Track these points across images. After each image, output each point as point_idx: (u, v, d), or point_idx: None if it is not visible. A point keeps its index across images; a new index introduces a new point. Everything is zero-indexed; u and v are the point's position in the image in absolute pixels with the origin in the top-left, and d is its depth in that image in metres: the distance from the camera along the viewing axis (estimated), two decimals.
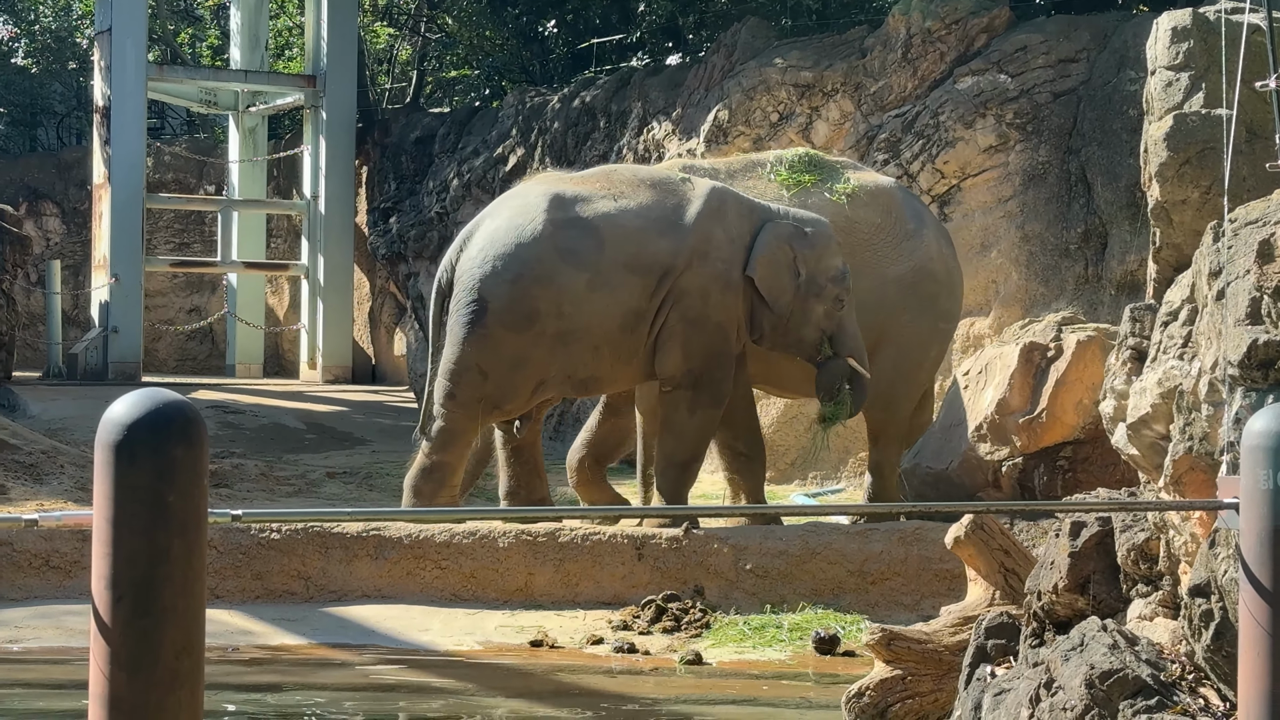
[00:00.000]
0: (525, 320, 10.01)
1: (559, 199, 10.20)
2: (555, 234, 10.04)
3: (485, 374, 10.05)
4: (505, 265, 10.01)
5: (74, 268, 25.48)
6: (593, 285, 10.06)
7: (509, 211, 10.24)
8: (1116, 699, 4.38)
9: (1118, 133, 13.04)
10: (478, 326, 10.03)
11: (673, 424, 10.42)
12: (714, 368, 10.32)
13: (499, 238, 10.11)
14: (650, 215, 10.23)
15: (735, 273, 10.30)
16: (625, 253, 10.11)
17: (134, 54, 21.70)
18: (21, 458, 12.58)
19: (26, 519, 3.26)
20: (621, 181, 10.44)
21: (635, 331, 10.18)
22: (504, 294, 10.00)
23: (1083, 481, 9.11)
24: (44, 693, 7.98)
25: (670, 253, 10.17)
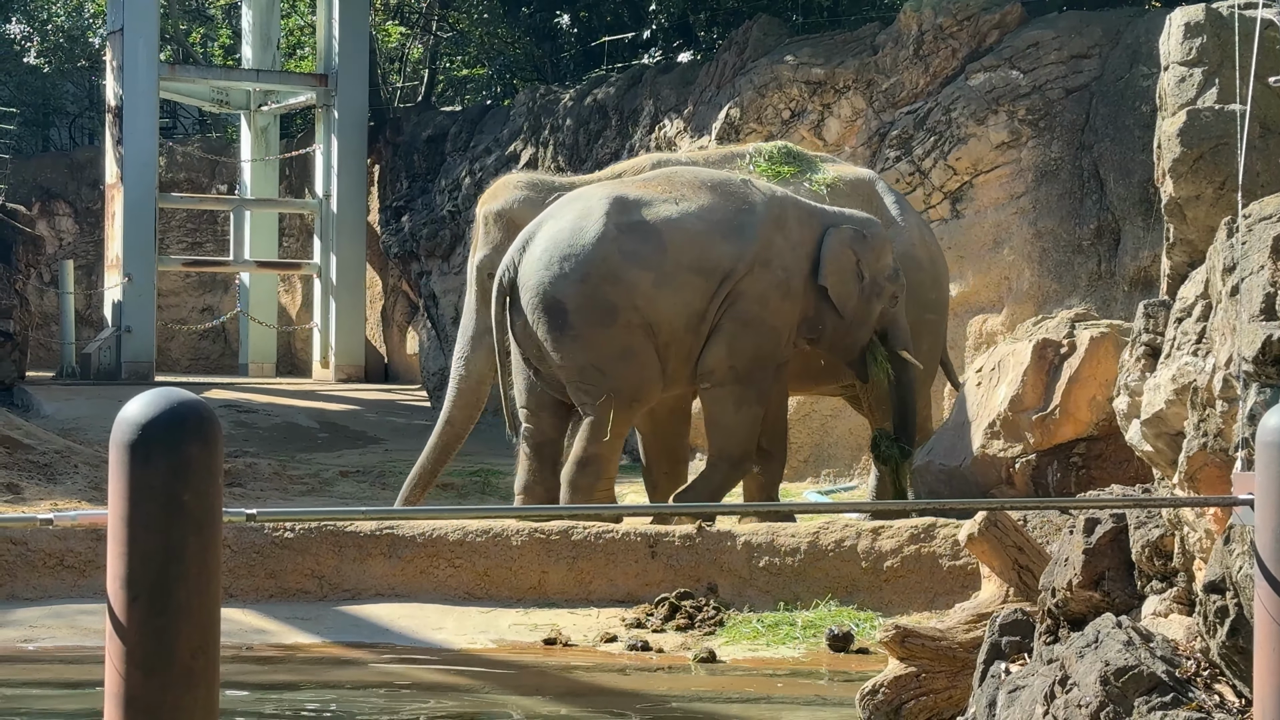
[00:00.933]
0: (607, 315, 10.03)
1: (621, 201, 10.20)
2: (619, 237, 10.06)
3: (601, 370, 10.07)
4: (572, 267, 10.02)
5: (87, 267, 25.52)
6: (658, 284, 10.07)
7: (571, 214, 10.22)
8: (1131, 695, 4.38)
9: (1130, 129, 13.02)
10: (566, 330, 10.04)
11: (719, 421, 10.48)
12: (757, 368, 10.37)
13: (561, 239, 10.10)
14: (712, 219, 10.25)
15: (796, 280, 10.34)
16: (689, 255, 10.13)
17: (146, 53, 21.74)
18: (35, 457, 12.61)
19: (41, 519, 3.26)
20: (683, 184, 10.44)
21: (696, 332, 10.22)
22: (576, 293, 10.00)
23: (1097, 478, 9.09)
24: (59, 692, 7.99)
25: (733, 257, 10.20)
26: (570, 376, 10.14)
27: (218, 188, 26.57)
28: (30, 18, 29.33)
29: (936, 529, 9.35)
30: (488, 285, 10.94)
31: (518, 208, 11.02)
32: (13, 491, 11.25)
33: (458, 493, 13.46)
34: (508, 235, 10.92)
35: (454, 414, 11.30)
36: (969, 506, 8.04)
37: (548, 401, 10.40)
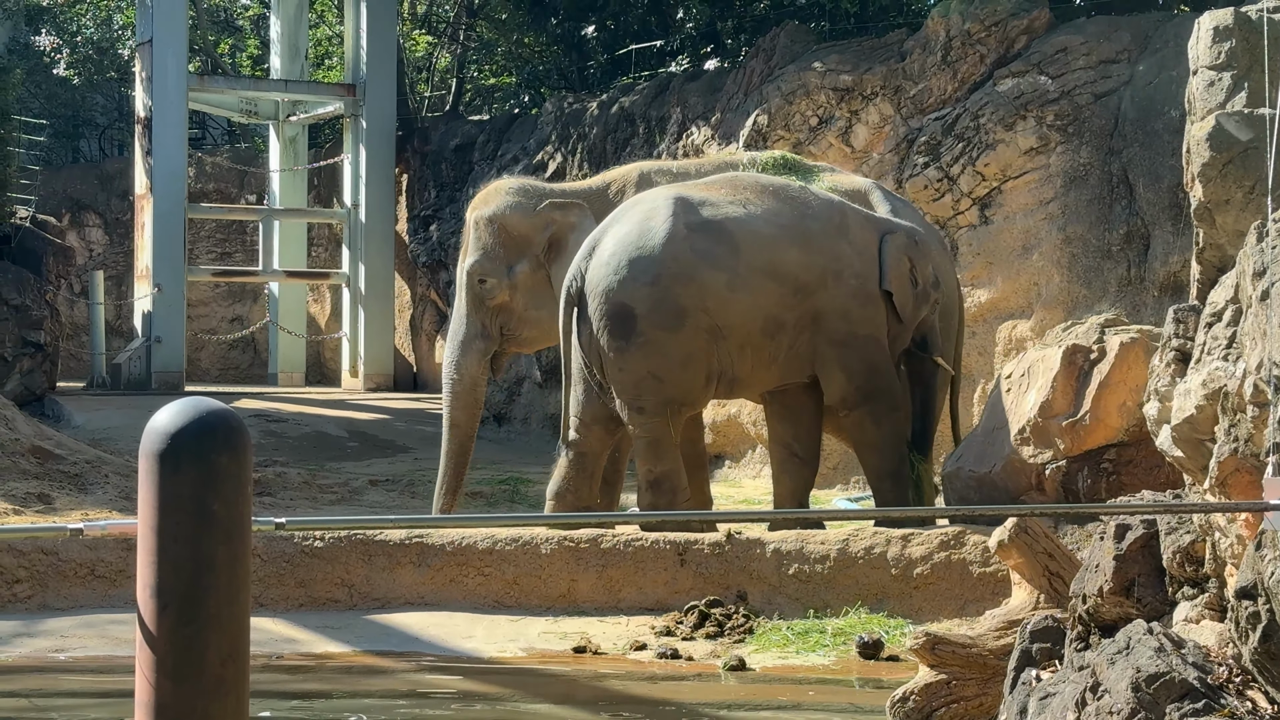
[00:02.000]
0: (676, 318, 10.00)
1: (686, 203, 10.20)
2: (689, 236, 10.04)
3: (660, 379, 10.05)
4: (642, 269, 9.99)
5: (117, 278, 25.61)
6: (732, 286, 10.05)
7: (637, 216, 10.21)
8: (1163, 702, 4.36)
9: (1159, 133, 12.98)
10: (633, 336, 10.01)
11: (865, 442, 10.54)
12: (879, 378, 10.41)
13: (629, 242, 10.08)
14: (779, 223, 10.25)
15: (870, 285, 10.35)
16: (761, 258, 10.12)
17: (175, 64, 21.81)
18: (66, 467, 12.65)
19: (72, 528, 3.28)
20: (745, 188, 10.45)
21: (775, 339, 10.20)
22: (646, 297, 9.97)
23: (1127, 484, 9.06)
24: (90, 702, 8.01)
25: (801, 265, 10.19)
26: (625, 388, 10.10)
27: (246, 198, 26.64)
28: (60, 29, 29.45)
29: (966, 536, 9.33)
30: (478, 290, 11.03)
31: (509, 213, 11.07)
32: (44, 501, 11.28)
33: (487, 501, 13.47)
34: (498, 240, 10.99)
35: (457, 416, 11.33)
36: (999, 513, 8.02)
37: (603, 415, 10.38)
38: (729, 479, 15.19)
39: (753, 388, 10.52)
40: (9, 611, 9.26)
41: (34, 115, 26.38)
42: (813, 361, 10.33)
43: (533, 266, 11.04)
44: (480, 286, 11.02)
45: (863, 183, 11.57)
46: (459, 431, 11.32)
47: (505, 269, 11.04)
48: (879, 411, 10.41)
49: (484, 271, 10.99)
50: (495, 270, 11.02)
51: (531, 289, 11.08)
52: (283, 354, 24.47)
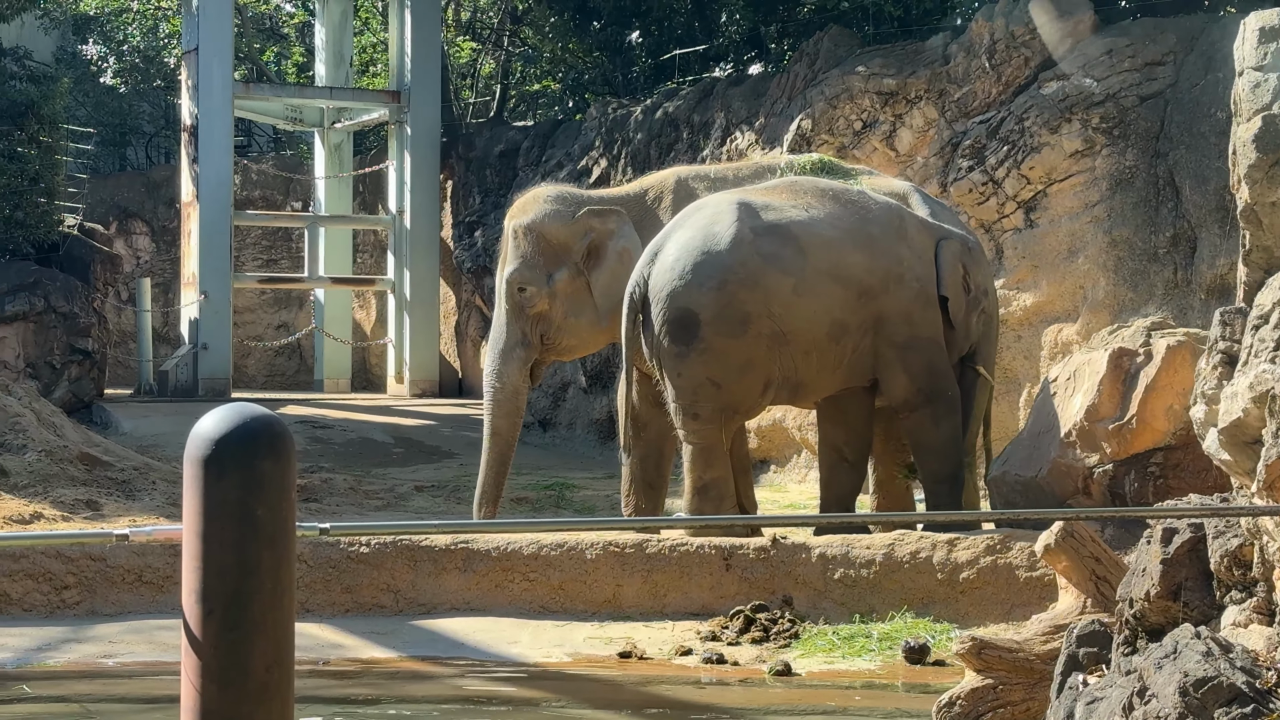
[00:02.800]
0: (740, 325, 10.00)
1: (751, 207, 10.20)
2: (755, 240, 10.04)
3: (719, 385, 10.06)
4: (707, 274, 9.98)
5: (164, 285, 25.73)
6: (799, 290, 10.06)
7: (701, 221, 10.21)
8: (1211, 707, 4.33)
9: (1206, 135, 12.91)
10: (695, 341, 10.00)
11: (924, 444, 10.53)
12: (940, 380, 10.42)
13: (693, 247, 10.07)
14: (841, 227, 10.26)
15: (930, 288, 10.37)
16: (827, 262, 10.13)
17: (220, 72, 21.91)
18: (114, 474, 12.72)
19: (118, 534, 3.29)
20: (806, 193, 10.46)
21: (840, 343, 10.21)
22: (711, 302, 9.97)
23: (1174, 488, 9.02)
24: (137, 707, 8.05)
25: (865, 269, 10.20)
26: (683, 393, 10.09)
27: (292, 205, 26.74)
28: (107, 38, 29.62)
29: (1012, 540, 9.29)
30: (518, 298, 11.01)
31: (547, 222, 11.05)
32: (92, 508, 11.34)
33: (532, 506, 13.49)
34: (537, 249, 10.98)
35: (498, 424, 11.31)
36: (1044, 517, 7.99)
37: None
38: (774, 484, 15.17)
39: (816, 393, 10.51)
40: (58, 617, 9.31)
41: (81, 124, 26.55)
42: (874, 365, 10.32)
43: (572, 274, 11.03)
44: (520, 295, 11.01)
45: (902, 186, 11.55)
46: (500, 440, 11.31)
47: (545, 277, 11.03)
48: (939, 413, 10.40)
49: (523, 280, 10.98)
50: (535, 278, 11.01)
51: (570, 296, 11.07)
52: (328, 360, 24.55)
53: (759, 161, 11.91)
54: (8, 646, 8.73)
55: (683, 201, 11.01)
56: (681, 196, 11.06)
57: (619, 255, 10.86)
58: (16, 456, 12.37)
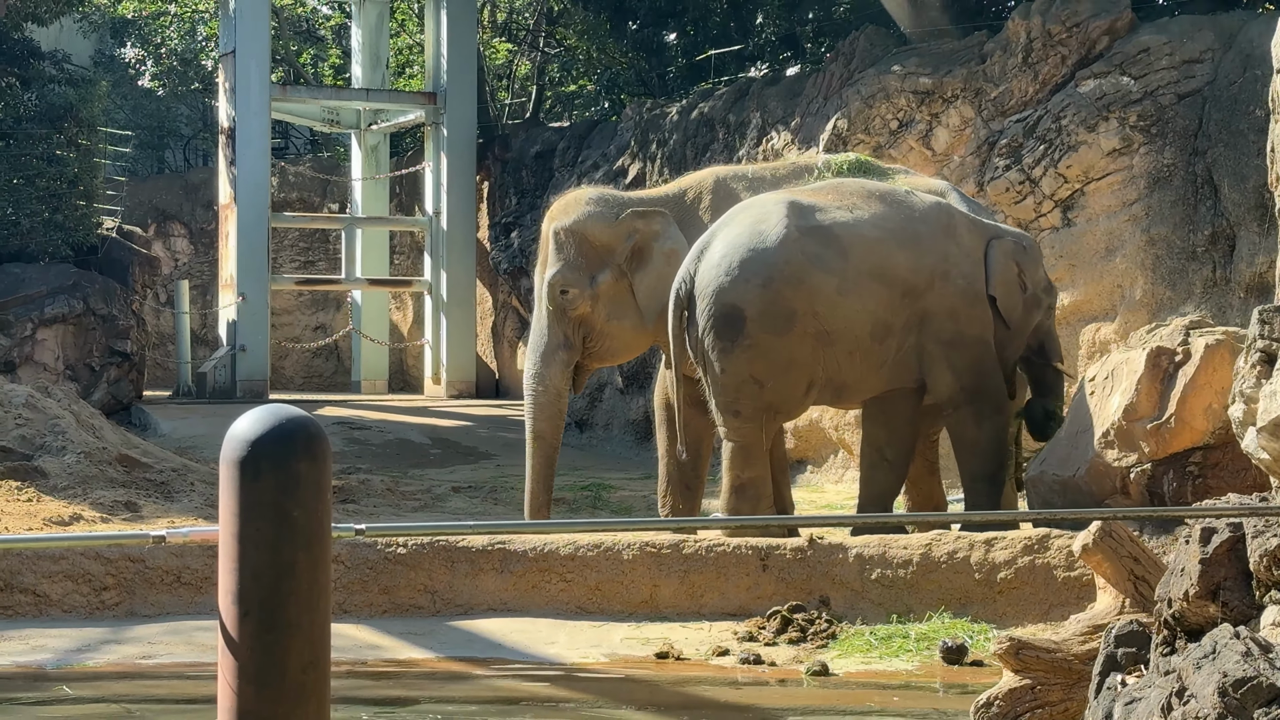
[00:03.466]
0: (785, 322, 10.01)
1: (797, 206, 10.21)
2: (801, 239, 10.05)
3: (761, 383, 10.06)
4: (754, 271, 9.99)
5: (202, 287, 25.83)
6: (842, 290, 10.07)
7: (748, 219, 10.22)
8: (1250, 707, 4.31)
9: (1244, 133, 12.86)
10: (740, 338, 10.01)
11: (966, 442, 10.50)
12: (985, 379, 10.41)
13: (740, 244, 10.08)
14: (886, 227, 10.26)
15: (978, 286, 10.36)
16: (869, 262, 10.13)
17: (258, 75, 21.99)
18: (153, 476, 12.77)
19: (154, 535, 3.30)
20: (852, 194, 10.46)
21: (884, 343, 10.20)
22: (757, 299, 9.98)
23: (1213, 487, 8.98)
24: (176, 708, 8.08)
25: (910, 268, 10.19)
26: (725, 390, 10.10)
27: (329, 206, 26.81)
28: (144, 41, 29.74)
29: (1050, 540, 9.26)
30: (560, 301, 10.95)
31: (590, 223, 10.99)
32: (131, 509, 11.39)
33: (569, 507, 13.50)
34: (579, 251, 10.92)
35: (541, 428, 11.26)
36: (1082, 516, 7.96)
37: None
38: (811, 484, 15.15)
39: (860, 394, 10.50)
40: (97, 618, 9.35)
41: (120, 127, 26.68)
42: (919, 365, 10.31)
43: (615, 276, 10.98)
44: (562, 298, 10.96)
45: (939, 184, 11.52)
46: (544, 444, 11.28)
47: (587, 279, 10.97)
48: (983, 412, 10.38)
49: (566, 282, 10.94)
50: (577, 281, 10.96)
51: (614, 299, 11.01)
52: (366, 362, 24.61)
53: (796, 161, 11.87)
54: (48, 647, 8.78)
55: (722, 201, 10.99)
56: (721, 196, 11.04)
57: (665, 257, 10.83)
58: (56, 458, 12.43)
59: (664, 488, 11.22)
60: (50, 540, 8.98)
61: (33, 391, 13.54)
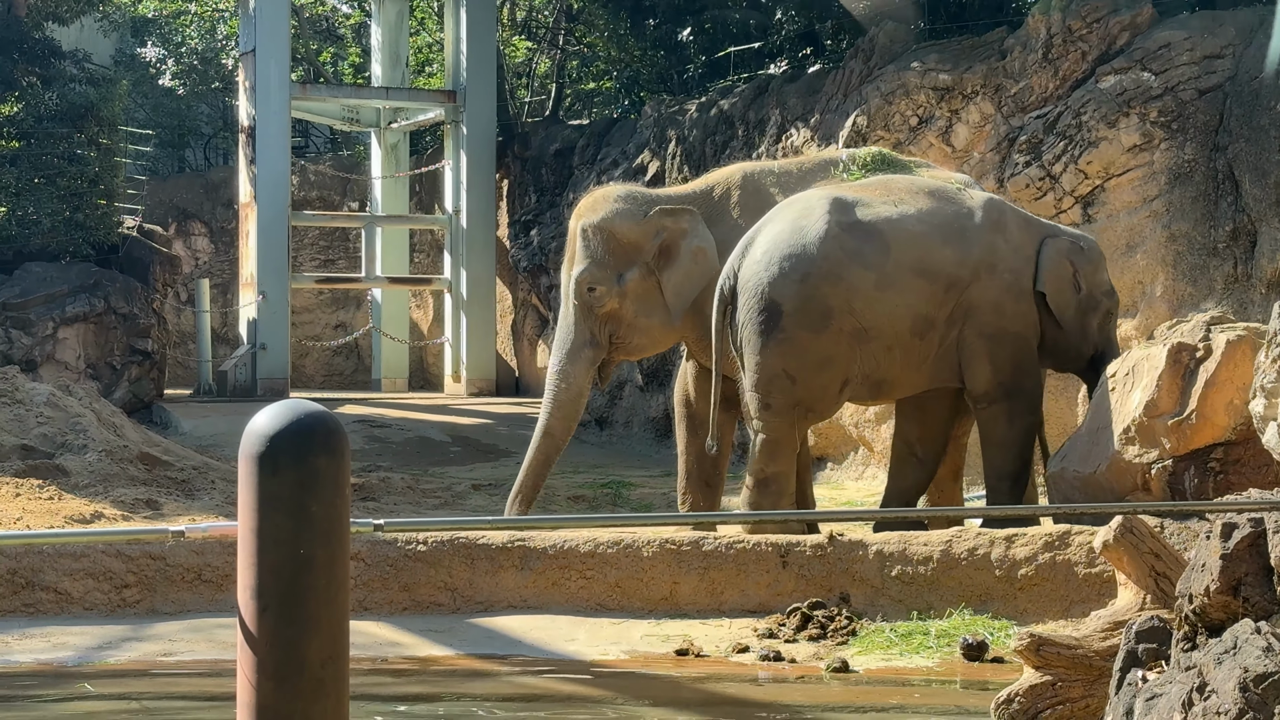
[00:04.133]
0: (821, 319, 10.02)
1: (841, 202, 10.21)
2: (840, 235, 10.06)
3: (793, 379, 10.07)
4: (792, 266, 10.01)
5: (222, 286, 25.89)
6: (880, 285, 10.07)
7: (791, 215, 10.24)
8: (1271, 702, 4.30)
9: (1265, 128, 12.82)
10: (775, 332, 10.03)
11: (994, 438, 10.47)
12: (1023, 377, 10.40)
13: (782, 240, 10.10)
14: (932, 222, 10.25)
15: (1025, 282, 10.34)
16: (911, 256, 10.13)
17: (278, 74, 22.03)
18: (174, 474, 12.80)
19: (174, 531, 3.31)
20: (899, 189, 10.46)
21: (925, 338, 10.19)
22: (795, 294, 10.00)
23: (1235, 483, 8.95)
24: (197, 705, 8.09)
25: (955, 262, 10.18)
26: (758, 383, 10.11)
27: (349, 205, 26.86)
28: (165, 40, 29.81)
29: (1071, 536, 9.24)
30: (587, 298, 10.92)
31: (618, 221, 10.96)
32: (152, 507, 11.41)
33: (589, 505, 13.50)
34: (607, 248, 10.89)
35: (553, 425, 11.22)
36: (1102, 511, 7.94)
37: None
38: (831, 481, 15.15)
39: (900, 390, 10.49)
40: (118, 616, 9.37)
41: (140, 126, 26.74)
42: (960, 359, 10.28)
43: (643, 274, 10.95)
44: (589, 295, 10.93)
45: (961, 179, 11.51)
46: (551, 441, 11.25)
47: (615, 277, 10.94)
48: (1016, 410, 10.35)
49: (593, 280, 10.91)
50: (605, 278, 10.94)
51: (641, 296, 10.98)
52: (386, 360, 24.65)
53: (821, 156, 11.85)
54: (69, 645, 8.80)
55: (750, 197, 10.98)
56: (749, 193, 11.03)
57: (693, 255, 10.82)
58: (77, 456, 12.46)
59: (684, 485, 11.22)
60: (71, 536, 9.01)
61: (54, 390, 13.58)
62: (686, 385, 11.30)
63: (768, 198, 10.96)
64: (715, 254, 10.78)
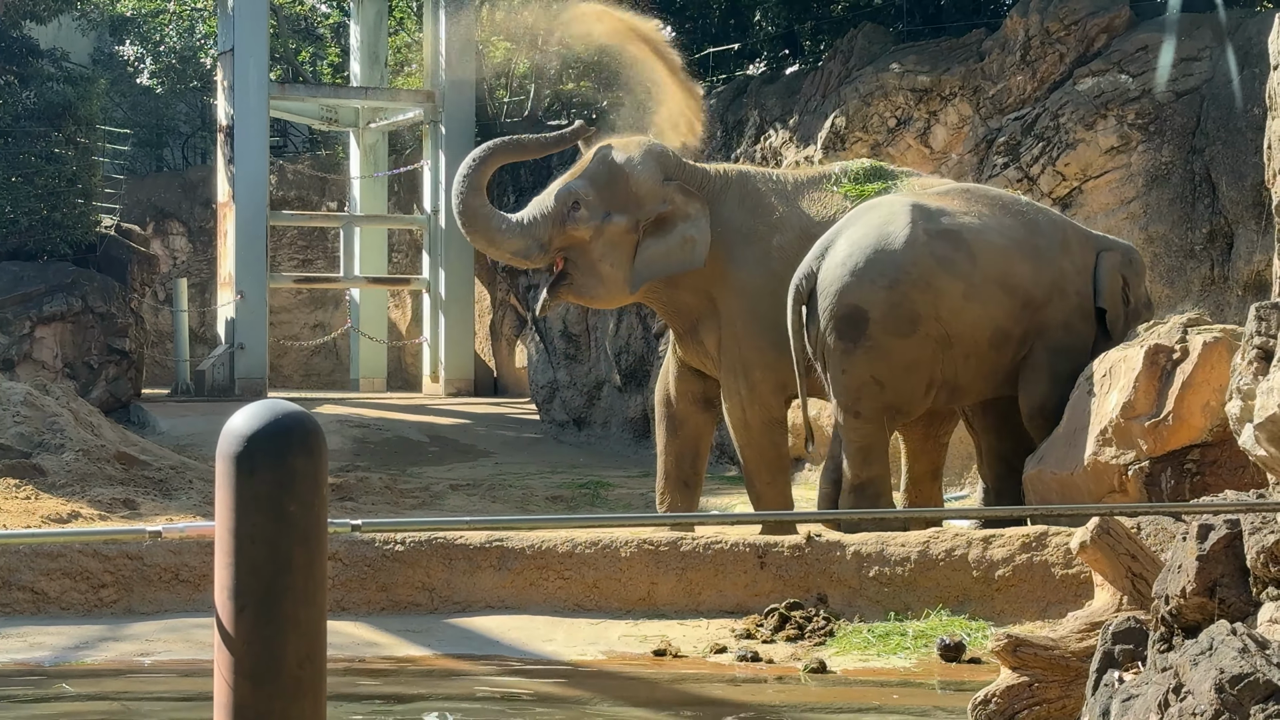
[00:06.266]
0: (909, 324, 10.01)
1: (925, 210, 10.20)
2: (930, 242, 10.05)
3: (882, 384, 10.07)
4: (880, 272, 9.99)
5: (200, 285, 25.85)
6: (968, 296, 10.07)
7: (875, 220, 10.20)
8: (1247, 703, 4.31)
9: (1242, 131, 12.86)
10: (862, 340, 10.02)
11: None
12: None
13: (865, 244, 10.07)
14: (1012, 237, 10.26)
15: (1089, 303, 10.36)
16: (996, 269, 10.13)
17: (256, 73, 22.00)
18: (151, 473, 12.78)
19: (150, 531, 3.30)
20: (978, 201, 10.46)
21: (1000, 350, 10.19)
22: (882, 301, 9.99)
23: (1211, 485, 8.97)
24: (174, 705, 8.08)
25: (1032, 280, 10.19)
26: (846, 390, 10.11)
27: (327, 205, 26.83)
28: (143, 39, 29.74)
29: (1048, 537, 9.26)
30: (565, 211, 10.83)
31: (640, 169, 10.76)
32: (129, 507, 11.39)
33: (567, 505, 13.50)
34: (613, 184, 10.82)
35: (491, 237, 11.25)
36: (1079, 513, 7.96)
37: None
38: (809, 482, 15.15)
39: (972, 396, 10.50)
40: (95, 615, 9.35)
41: (118, 125, 26.67)
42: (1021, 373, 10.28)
43: (629, 226, 10.84)
44: (571, 209, 10.83)
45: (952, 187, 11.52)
46: None
47: (603, 212, 10.85)
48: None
49: (584, 198, 10.79)
50: (593, 206, 10.81)
51: (614, 244, 10.88)
52: (364, 360, 24.62)
53: (813, 170, 11.83)
54: (46, 645, 8.78)
55: (747, 196, 10.97)
56: (748, 191, 11.01)
57: (682, 240, 10.78)
58: (54, 456, 12.43)
59: (662, 485, 11.23)
60: (48, 535, 8.99)
61: (31, 389, 13.55)
62: (667, 385, 11.30)
63: (762, 200, 10.97)
64: (704, 251, 10.76)
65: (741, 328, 10.85)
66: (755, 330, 10.84)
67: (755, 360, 10.84)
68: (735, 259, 10.88)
